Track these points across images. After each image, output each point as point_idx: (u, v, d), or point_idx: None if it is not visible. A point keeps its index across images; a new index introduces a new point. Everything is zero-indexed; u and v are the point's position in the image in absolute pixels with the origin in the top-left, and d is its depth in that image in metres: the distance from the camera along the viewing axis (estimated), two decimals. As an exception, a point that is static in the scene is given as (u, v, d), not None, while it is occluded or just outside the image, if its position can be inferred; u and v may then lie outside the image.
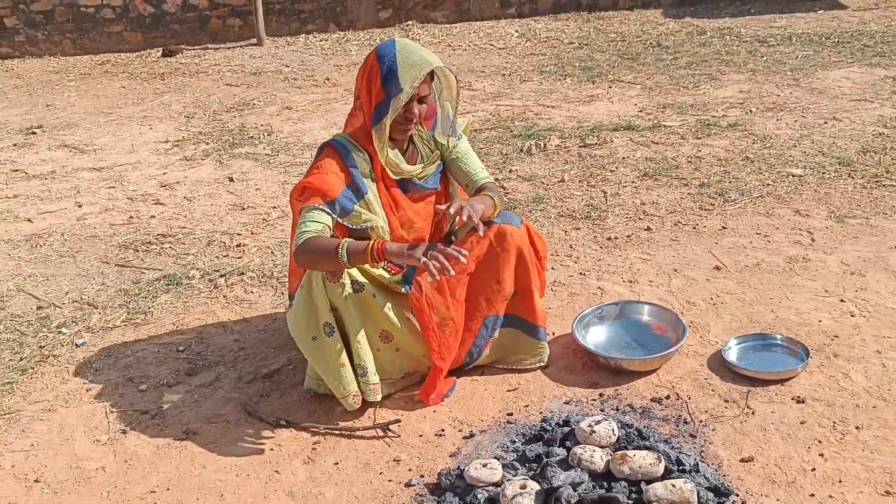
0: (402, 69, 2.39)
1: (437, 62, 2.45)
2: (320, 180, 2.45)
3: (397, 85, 2.39)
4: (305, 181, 2.48)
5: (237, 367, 2.86)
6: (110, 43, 8.48)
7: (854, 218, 3.67)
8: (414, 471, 2.30)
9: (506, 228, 2.56)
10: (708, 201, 3.94)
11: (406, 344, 2.56)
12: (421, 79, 2.40)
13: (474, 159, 2.73)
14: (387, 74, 2.40)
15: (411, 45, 2.46)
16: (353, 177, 2.49)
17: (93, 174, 4.92)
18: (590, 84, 6.18)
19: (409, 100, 2.43)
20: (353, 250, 2.32)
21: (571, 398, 2.57)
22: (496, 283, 2.59)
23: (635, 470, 2.12)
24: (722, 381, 2.60)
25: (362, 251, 2.32)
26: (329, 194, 2.44)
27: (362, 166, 2.52)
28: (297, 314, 2.48)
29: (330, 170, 2.48)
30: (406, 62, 2.39)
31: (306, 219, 2.42)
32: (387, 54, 2.42)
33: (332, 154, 2.52)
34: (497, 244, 2.56)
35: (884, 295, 3.02)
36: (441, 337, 2.53)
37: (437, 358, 2.53)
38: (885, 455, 2.23)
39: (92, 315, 3.26)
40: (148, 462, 2.41)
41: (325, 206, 2.43)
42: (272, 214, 4.15)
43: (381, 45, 2.48)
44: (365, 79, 2.47)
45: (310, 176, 2.49)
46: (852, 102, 5.28)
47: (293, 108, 6.06)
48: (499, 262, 2.57)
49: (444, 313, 2.53)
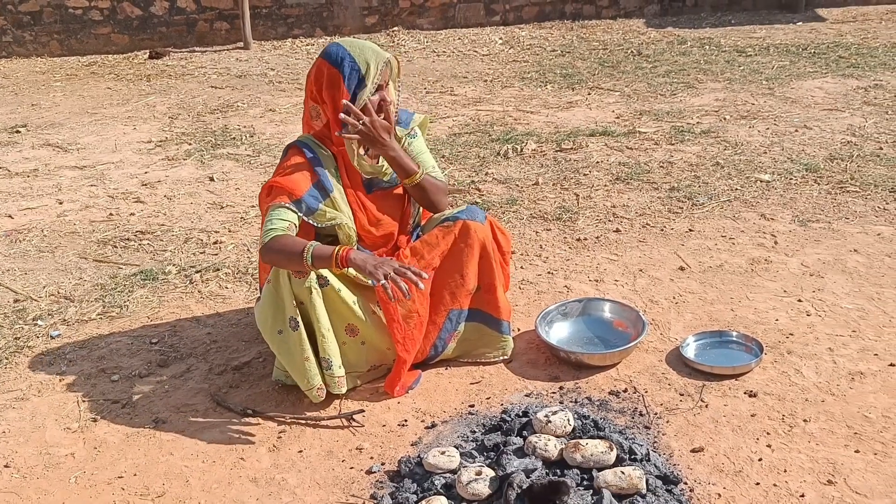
0: (362, 65, 2.47)
1: (386, 53, 2.54)
2: (287, 179, 2.52)
3: (362, 82, 2.48)
4: (272, 181, 2.55)
5: (208, 359, 2.92)
6: (97, 44, 8.53)
7: (817, 222, 3.76)
8: (375, 458, 2.37)
9: (470, 224, 2.64)
10: (677, 205, 4.03)
11: (371, 337, 2.63)
12: (380, 70, 2.49)
13: (427, 158, 2.78)
14: (349, 75, 2.47)
15: (355, 42, 2.55)
16: (319, 175, 2.56)
17: (75, 172, 4.97)
18: (570, 91, 6.27)
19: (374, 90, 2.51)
20: (318, 254, 2.38)
21: (532, 391, 2.65)
22: (460, 277, 2.67)
23: (587, 458, 2.20)
24: (679, 376, 2.68)
25: (327, 256, 2.37)
26: (295, 193, 2.50)
27: (328, 165, 2.59)
28: (263, 308, 2.54)
29: (296, 169, 2.54)
30: (361, 58, 2.48)
31: (272, 217, 2.48)
32: (341, 56, 2.49)
33: (298, 154, 2.58)
34: (461, 239, 2.64)
35: (840, 296, 3.12)
36: (405, 329, 2.59)
37: (401, 350, 2.60)
38: (830, 447, 2.31)
39: (68, 308, 3.32)
40: (117, 449, 2.46)
41: (292, 204, 2.49)
42: (250, 213, 4.22)
43: (329, 51, 2.52)
44: (325, 87, 2.52)
45: (276, 176, 2.55)
46: (824, 111, 5.39)
47: (276, 111, 6.13)
48: (463, 256, 2.65)
49: (408, 306, 2.59)
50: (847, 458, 2.25)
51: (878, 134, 4.89)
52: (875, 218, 3.78)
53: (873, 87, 5.85)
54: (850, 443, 2.32)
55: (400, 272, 2.34)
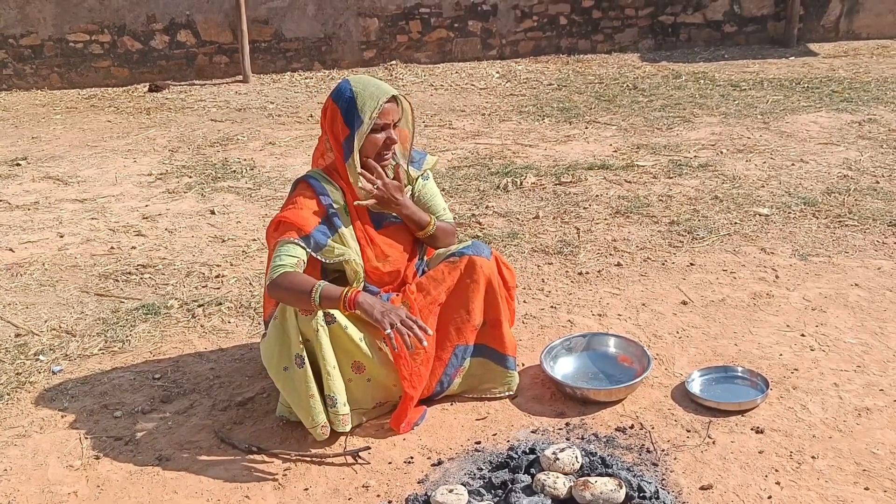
0: (360, 102, 2.50)
1: (392, 90, 2.55)
2: (295, 215, 2.53)
3: (358, 118, 2.50)
4: (280, 215, 2.56)
5: (212, 395, 2.91)
6: (97, 78, 8.59)
7: (817, 256, 3.79)
8: (382, 496, 2.35)
9: (475, 260, 2.64)
10: (677, 238, 4.05)
11: (378, 374, 2.62)
12: (380, 108, 2.50)
13: (439, 201, 2.82)
14: (347, 110, 2.51)
15: (365, 79, 2.58)
16: (328, 211, 2.57)
17: (75, 205, 4.98)
18: (567, 124, 6.33)
19: (379, 129, 2.53)
20: (326, 295, 2.40)
21: (538, 427, 2.64)
22: (466, 312, 2.67)
23: (596, 496, 2.19)
24: (685, 412, 2.68)
25: (335, 298, 2.40)
26: (304, 229, 2.51)
27: (336, 200, 2.60)
28: (269, 345, 2.54)
29: (305, 205, 2.55)
30: (363, 94, 2.51)
31: (281, 252, 2.49)
32: (344, 92, 2.53)
33: (307, 189, 2.60)
34: (467, 275, 2.65)
35: (842, 330, 3.13)
36: (412, 366, 2.59)
37: (408, 386, 2.59)
38: (839, 483, 2.31)
39: (70, 343, 3.30)
40: (120, 487, 2.44)
41: (300, 240, 2.50)
42: (252, 246, 4.22)
43: (337, 86, 2.59)
44: (328, 120, 2.58)
45: (285, 210, 2.57)
46: (819, 146, 5.45)
47: (276, 144, 6.16)
48: (468, 292, 2.65)
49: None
50: (857, 496, 2.25)
51: (873, 168, 4.94)
52: (874, 252, 3.80)
53: (867, 122, 5.92)
54: (860, 480, 2.31)
55: (407, 324, 2.36)
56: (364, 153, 2.57)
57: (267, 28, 8.71)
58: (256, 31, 8.63)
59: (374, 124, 2.52)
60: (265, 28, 8.71)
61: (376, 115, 2.50)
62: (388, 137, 2.56)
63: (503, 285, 2.73)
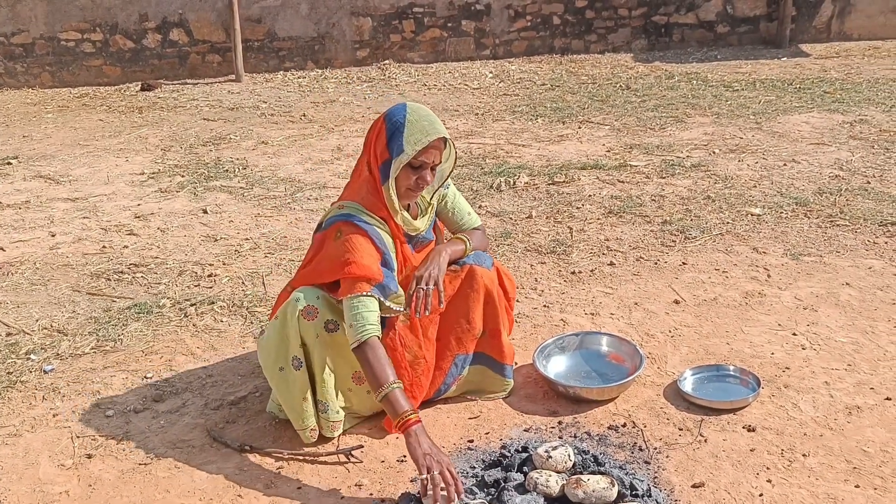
0: (408, 131, 2.40)
1: (444, 132, 2.45)
2: (362, 268, 2.40)
3: (400, 146, 2.40)
4: (350, 269, 2.40)
5: (204, 394, 2.90)
6: (89, 76, 8.55)
7: (809, 256, 3.80)
8: (375, 495, 2.35)
9: (476, 269, 2.64)
10: (670, 238, 4.06)
11: None
12: (424, 144, 2.39)
13: (463, 205, 2.78)
14: (392, 134, 2.42)
15: (423, 111, 2.47)
16: (383, 252, 2.47)
17: (67, 204, 4.96)
18: (560, 124, 6.34)
19: (417, 165, 2.42)
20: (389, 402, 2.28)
21: (531, 426, 2.64)
22: (466, 322, 2.67)
23: (589, 494, 2.19)
24: (677, 410, 2.68)
25: (393, 412, 2.27)
26: (375, 279, 2.41)
27: (385, 237, 2.50)
28: (267, 343, 2.53)
29: (365, 252, 2.42)
30: (413, 124, 2.41)
31: (360, 309, 2.37)
32: (397, 115, 2.44)
33: (359, 232, 2.45)
34: (467, 284, 2.64)
35: (834, 329, 3.14)
36: (413, 376, 2.59)
37: (409, 397, 2.59)
38: (830, 481, 2.32)
39: (61, 342, 3.29)
40: (112, 486, 2.43)
41: (375, 290, 2.40)
42: (244, 246, 4.21)
43: (394, 106, 2.49)
44: (373, 136, 2.49)
45: (348, 264, 2.41)
46: (811, 146, 5.47)
47: (269, 143, 6.15)
48: (469, 301, 2.65)
49: (416, 352, 2.60)
50: (847, 493, 2.26)
51: (865, 168, 4.96)
52: (865, 251, 3.82)
53: (859, 122, 5.95)
54: (850, 477, 2.32)
55: (446, 478, 2.15)
56: (398, 184, 2.47)
57: (260, 27, 8.70)
58: (249, 30, 8.61)
59: (414, 160, 2.41)
60: (258, 27, 8.69)
61: (419, 149, 2.40)
62: (421, 178, 2.45)
63: (503, 295, 2.74)
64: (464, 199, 2.81)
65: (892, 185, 4.65)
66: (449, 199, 2.75)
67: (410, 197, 2.53)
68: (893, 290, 3.43)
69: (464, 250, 2.66)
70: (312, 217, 4.58)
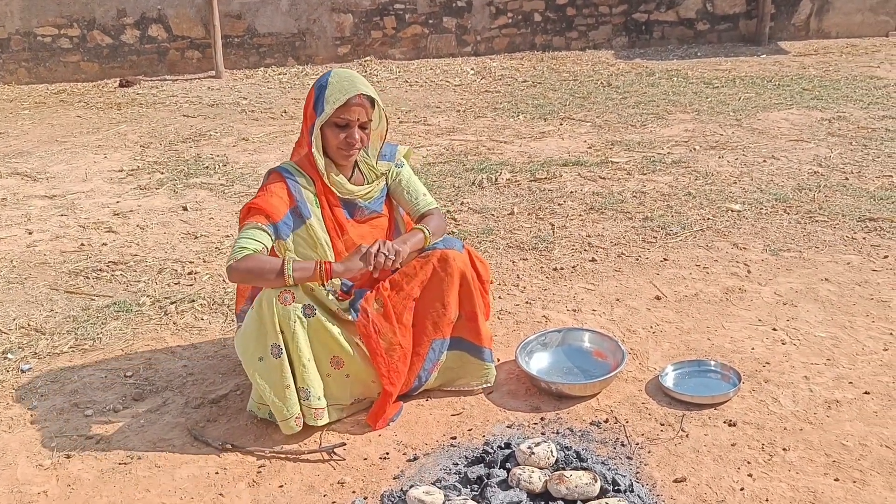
0: (329, 91, 2.54)
1: (363, 89, 2.56)
2: (265, 201, 2.55)
3: (321, 105, 2.54)
4: (251, 202, 2.57)
5: (185, 393, 2.88)
6: (67, 72, 8.46)
7: (788, 251, 3.83)
8: (358, 493, 2.34)
9: (448, 253, 2.65)
10: (651, 234, 4.08)
11: (356, 370, 2.61)
12: (341, 102, 2.52)
13: (418, 186, 2.84)
14: (317, 97, 2.57)
15: (347, 73, 2.62)
16: (297, 201, 2.60)
17: (45, 202, 4.90)
18: (542, 121, 6.35)
19: (342, 124, 2.55)
20: (300, 268, 2.45)
21: (514, 422, 2.64)
22: (441, 306, 2.67)
23: (572, 490, 2.20)
24: (659, 406, 2.70)
25: (309, 270, 2.45)
26: (272, 216, 2.54)
27: (307, 190, 2.62)
28: (245, 334, 2.52)
29: (275, 192, 2.58)
30: (335, 85, 2.55)
31: (246, 235, 2.50)
32: (322, 79, 2.60)
33: (278, 178, 2.63)
34: (441, 269, 2.65)
35: (813, 324, 3.17)
36: (389, 362, 2.59)
37: (386, 383, 2.59)
38: (810, 475, 2.34)
39: (39, 341, 3.25)
40: (91, 486, 2.41)
41: (268, 226, 2.52)
42: (225, 243, 4.18)
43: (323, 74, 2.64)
44: (306, 103, 2.63)
45: (256, 198, 2.58)
46: (790, 142, 5.51)
47: (249, 140, 6.11)
48: (443, 286, 2.65)
49: (391, 339, 2.59)
50: (827, 487, 2.28)
51: (843, 164, 5.01)
52: (844, 247, 3.86)
53: (837, 119, 6.01)
54: (830, 471, 2.34)
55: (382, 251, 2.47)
56: (326, 145, 2.61)
57: (240, 23, 8.64)
58: (229, 25, 8.55)
59: (337, 118, 2.55)
60: (238, 23, 8.63)
61: (336, 106, 2.53)
62: (349, 136, 2.57)
63: (477, 278, 2.74)
64: (419, 182, 2.87)
65: (870, 182, 4.70)
66: (403, 177, 2.82)
67: (342, 156, 2.62)
68: (871, 285, 3.47)
69: (423, 238, 2.69)
70: (294, 214, 4.56)
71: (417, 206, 2.81)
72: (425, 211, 2.79)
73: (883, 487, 2.27)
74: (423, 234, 2.69)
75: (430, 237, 2.69)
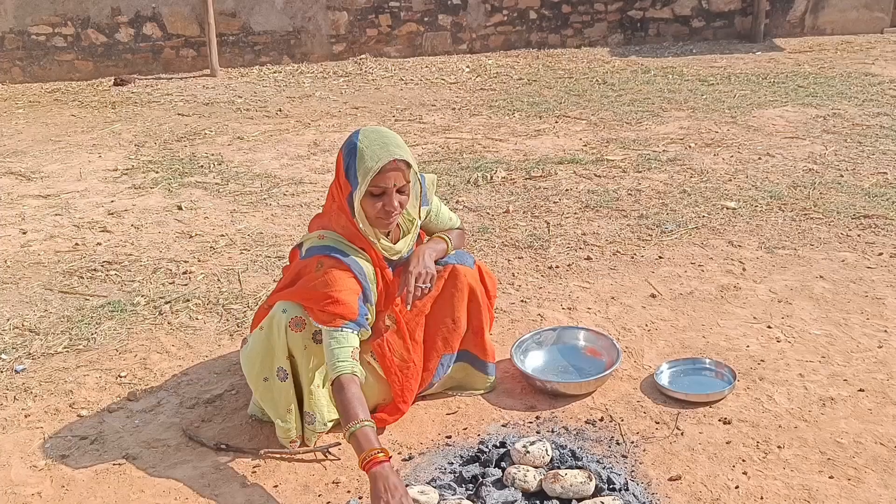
0: (359, 160, 2.35)
1: (396, 154, 2.34)
2: (341, 305, 2.36)
3: (355, 177, 2.36)
4: (328, 303, 2.36)
5: (179, 393, 2.87)
6: (61, 71, 8.43)
7: (783, 249, 3.84)
8: (353, 492, 2.34)
9: (459, 269, 2.64)
10: (646, 232, 4.08)
11: (368, 391, 2.54)
12: (376, 171, 2.31)
13: (444, 213, 2.75)
14: (347, 167, 2.38)
15: (374, 135, 2.39)
16: (365, 287, 2.44)
17: (39, 201, 4.88)
18: (537, 119, 6.34)
19: (378, 193, 2.35)
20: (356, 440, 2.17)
21: (509, 421, 2.64)
22: (452, 321, 2.66)
23: (567, 488, 2.20)
24: (654, 404, 2.70)
25: (360, 449, 2.15)
26: (351, 316, 2.37)
27: (367, 268, 2.46)
28: (251, 354, 2.49)
29: (347, 287, 2.39)
30: (364, 154, 2.34)
31: (339, 343, 2.34)
32: (350, 144, 2.40)
33: (341, 266, 2.40)
34: (451, 284, 2.64)
35: (808, 322, 3.17)
36: (403, 380, 2.58)
37: (399, 402, 2.59)
38: (805, 473, 2.34)
39: (33, 341, 3.24)
40: (85, 487, 2.40)
41: (350, 326, 2.37)
42: (220, 242, 4.17)
43: (351, 134, 2.43)
44: (337, 167, 2.45)
45: (328, 301, 2.36)
46: (785, 140, 5.52)
47: (245, 139, 6.10)
48: (454, 301, 2.64)
49: (404, 356, 2.58)
50: (822, 484, 2.28)
51: (838, 162, 5.01)
52: (839, 244, 3.86)
53: (832, 116, 6.01)
54: (824, 469, 2.35)
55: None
56: (366, 213, 2.41)
57: (234, 21, 8.62)
58: (224, 24, 8.53)
59: (373, 188, 2.34)
60: (233, 21, 8.61)
61: (371, 178, 2.32)
62: (387, 204, 2.37)
63: (485, 293, 2.73)
64: (446, 208, 2.77)
65: (865, 179, 4.70)
66: (433, 211, 2.71)
67: (382, 225, 2.43)
68: (866, 282, 3.47)
69: (445, 249, 2.65)
70: (289, 213, 4.55)
71: (445, 228, 2.76)
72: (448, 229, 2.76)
73: (877, 485, 2.28)
74: (445, 244, 2.65)
75: (451, 249, 2.66)
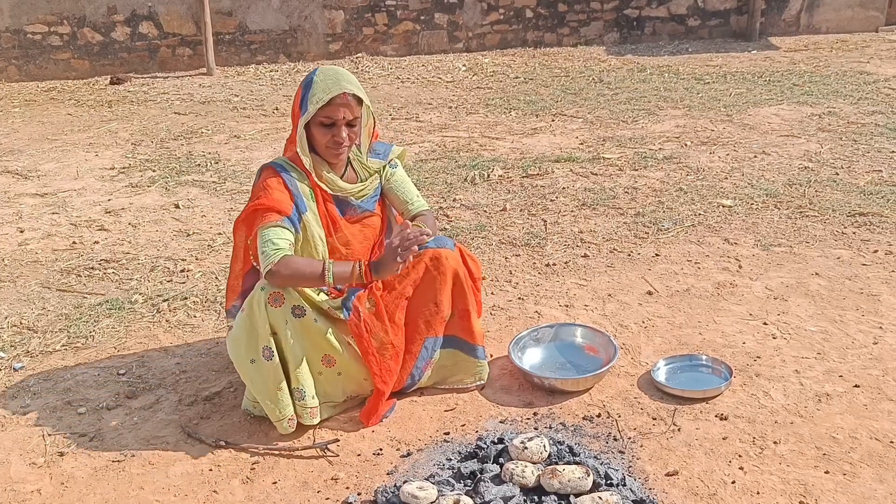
0: (313, 90, 2.50)
1: (346, 87, 2.50)
2: (271, 199, 2.52)
3: (305, 105, 2.51)
4: (255, 203, 2.53)
5: (178, 390, 2.88)
6: (57, 70, 8.43)
7: (779, 246, 3.85)
8: (352, 489, 2.35)
9: (440, 252, 2.65)
10: (643, 230, 4.09)
11: (348, 368, 2.61)
12: (323, 102, 2.47)
13: (411, 188, 2.83)
14: (302, 96, 2.54)
15: (333, 71, 2.56)
16: (294, 195, 2.57)
17: (36, 200, 4.88)
18: (534, 117, 6.36)
19: (328, 123, 2.51)
20: (339, 274, 2.46)
21: (507, 417, 2.65)
22: (434, 305, 2.67)
23: (564, 484, 2.21)
24: (651, 400, 2.71)
25: (348, 273, 2.46)
26: (284, 211, 2.51)
27: (301, 184, 2.60)
28: (236, 337, 2.52)
29: (275, 187, 2.54)
30: (318, 84, 2.50)
31: (271, 237, 2.47)
32: (308, 77, 2.56)
33: (273, 174, 2.59)
34: (433, 268, 2.65)
35: (803, 318, 3.19)
36: (381, 361, 2.59)
37: (378, 382, 2.59)
38: (801, 468, 2.35)
39: (31, 339, 3.24)
40: (85, 484, 2.41)
41: (284, 222, 2.50)
42: (217, 240, 4.18)
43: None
44: (294, 100, 2.62)
45: (258, 198, 2.54)
46: (781, 138, 5.53)
47: (241, 137, 6.10)
48: (436, 285, 2.66)
49: (382, 338, 2.60)
50: (817, 480, 2.30)
51: (833, 160, 5.04)
52: (834, 242, 3.88)
53: (827, 114, 6.03)
54: (820, 464, 2.36)
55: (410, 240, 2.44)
56: (315, 143, 2.57)
57: (231, 20, 8.62)
58: (220, 22, 8.53)
59: (323, 117, 2.50)
60: (229, 20, 8.61)
61: (319, 106, 2.48)
62: (336, 135, 2.53)
63: (469, 276, 2.74)
64: (412, 184, 2.86)
65: (860, 177, 4.72)
66: (397, 178, 2.81)
67: (332, 155, 2.59)
68: (861, 279, 3.49)
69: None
70: (286, 211, 4.55)
71: (410, 207, 2.80)
72: (417, 213, 2.79)
73: (873, 480, 2.29)
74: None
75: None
